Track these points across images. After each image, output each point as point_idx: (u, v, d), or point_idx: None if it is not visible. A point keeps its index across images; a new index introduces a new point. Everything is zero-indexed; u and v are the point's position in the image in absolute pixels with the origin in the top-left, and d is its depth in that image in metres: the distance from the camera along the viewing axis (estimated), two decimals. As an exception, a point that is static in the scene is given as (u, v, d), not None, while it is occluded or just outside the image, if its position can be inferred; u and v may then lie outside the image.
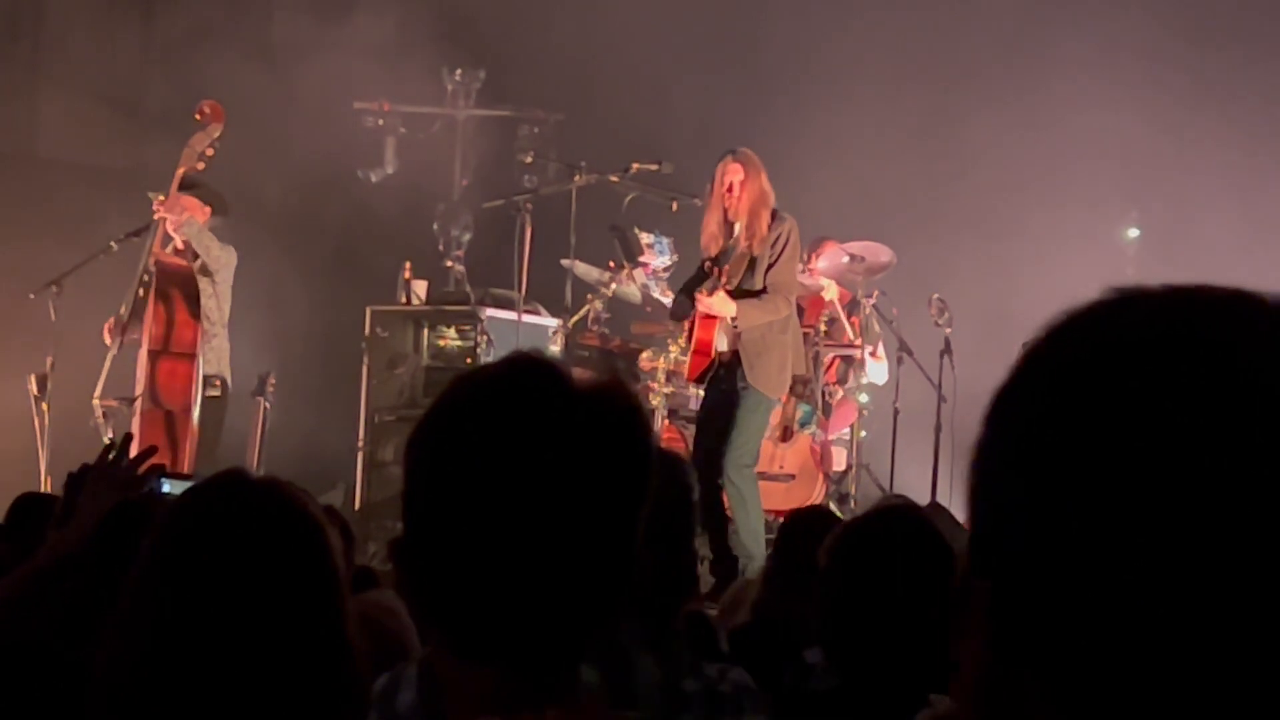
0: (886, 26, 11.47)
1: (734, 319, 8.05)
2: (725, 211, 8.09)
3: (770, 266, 8.05)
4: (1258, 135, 10.90)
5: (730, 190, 8.05)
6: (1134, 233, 12.08)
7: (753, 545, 7.85)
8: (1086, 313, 0.93)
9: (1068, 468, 0.87)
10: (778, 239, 8.06)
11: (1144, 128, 10.77)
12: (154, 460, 2.99)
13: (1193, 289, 0.92)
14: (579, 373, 1.63)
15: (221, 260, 9.26)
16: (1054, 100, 11.05)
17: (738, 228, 8.06)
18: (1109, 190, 11.47)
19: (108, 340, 9.15)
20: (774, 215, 8.09)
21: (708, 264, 8.19)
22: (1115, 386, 0.88)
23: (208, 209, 9.41)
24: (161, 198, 9.13)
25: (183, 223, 9.11)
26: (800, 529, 4.39)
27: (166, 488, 3.05)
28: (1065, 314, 0.94)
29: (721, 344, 8.12)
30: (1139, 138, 10.88)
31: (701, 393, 8.53)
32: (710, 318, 8.14)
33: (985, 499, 0.93)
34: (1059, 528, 0.87)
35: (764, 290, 8.06)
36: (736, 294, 8.06)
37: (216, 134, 9.21)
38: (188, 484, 2.48)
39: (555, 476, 1.55)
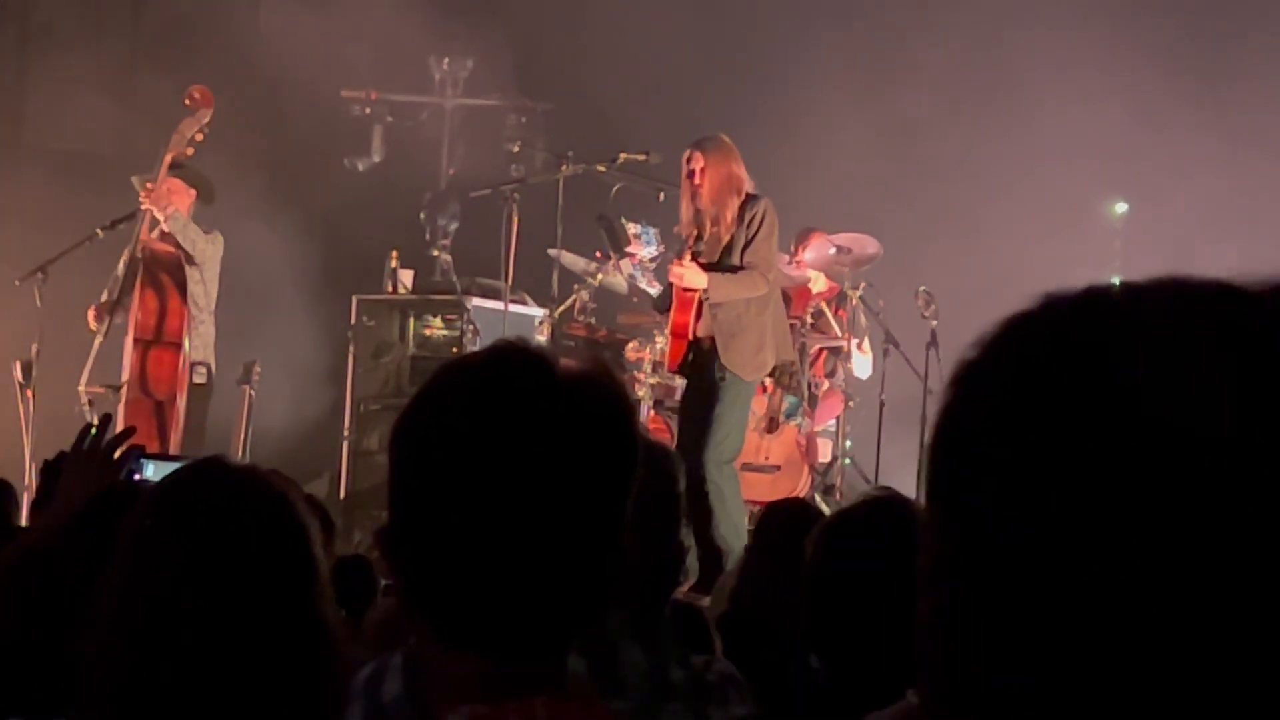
0: (874, 18, 11.48)
1: (706, 291, 7.99)
2: (695, 199, 8.07)
3: (747, 245, 8.00)
4: (1240, 114, 10.92)
5: (693, 178, 8.03)
6: (1122, 207, 12.09)
7: (732, 539, 7.82)
8: (1063, 309, 0.93)
9: (1073, 468, 0.87)
10: (753, 218, 7.98)
11: (1128, 117, 10.78)
12: (135, 442, 2.95)
13: (1161, 283, 0.92)
14: (564, 361, 1.62)
15: (207, 252, 9.25)
16: (1038, 93, 11.05)
17: (708, 214, 8.03)
18: (1093, 181, 11.48)
19: (92, 325, 9.14)
20: (747, 197, 8.05)
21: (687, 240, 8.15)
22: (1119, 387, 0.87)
23: (193, 192, 9.39)
24: (149, 185, 9.11)
25: (169, 216, 9.10)
26: (776, 521, 4.38)
27: (151, 470, 3.03)
28: (1040, 308, 0.94)
29: (700, 328, 8.07)
30: (1123, 127, 10.89)
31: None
32: (686, 300, 8.08)
33: (973, 513, 0.92)
34: (1063, 536, 0.86)
35: (741, 269, 8.02)
36: (712, 270, 8.00)
37: (206, 119, 9.19)
38: (173, 464, 2.47)
39: (540, 465, 1.54)
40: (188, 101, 9.25)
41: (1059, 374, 0.89)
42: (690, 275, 7.98)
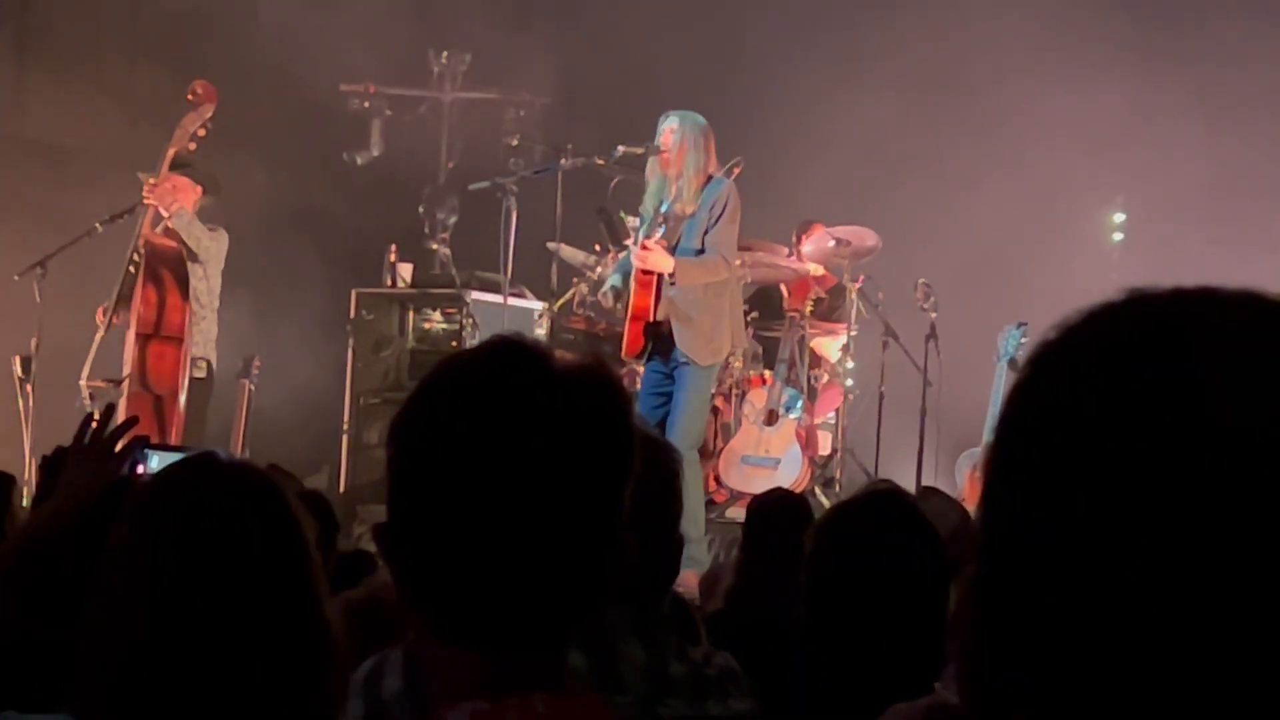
0: (873, 12, 11.48)
1: (671, 275, 7.96)
2: (661, 164, 8.07)
3: (710, 229, 7.97)
4: (1229, 102, 10.93)
5: (665, 149, 8.03)
6: (1119, 217, 12.10)
7: (691, 529, 7.80)
8: (1107, 314, 0.92)
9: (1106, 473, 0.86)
10: (715, 202, 7.97)
11: (1125, 108, 10.78)
12: (137, 432, 2.93)
13: (1203, 290, 0.91)
14: (561, 355, 1.62)
15: (211, 250, 9.27)
16: (1037, 85, 11.04)
17: (673, 188, 8.02)
18: (1091, 174, 11.48)
19: (99, 322, 9.14)
20: (709, 179, 8.04)
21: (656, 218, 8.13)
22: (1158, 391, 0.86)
23: (199, 189, 9.39)
24: (152, 180, 9.11)
25: (174, 213, 9.11)
26: (766, 514, 4.36)
27: (154, 461, 3.02)
28: (1079, 317, 0.93)
29: (660, 311, 8.03)
30: (1119, 119, 10.89)
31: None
32: (647, 281, 8.06)
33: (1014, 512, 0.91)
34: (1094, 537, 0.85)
35: (702, 252, 7.98)
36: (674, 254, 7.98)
37: (208, 114, 9.19)
38: (177, 455, 2.46)
39: (538, 459, 1.54)
40: (190, 96, 9.25)
41: (1119, 373, 0.88)
42: (655, 258, 7.96)
